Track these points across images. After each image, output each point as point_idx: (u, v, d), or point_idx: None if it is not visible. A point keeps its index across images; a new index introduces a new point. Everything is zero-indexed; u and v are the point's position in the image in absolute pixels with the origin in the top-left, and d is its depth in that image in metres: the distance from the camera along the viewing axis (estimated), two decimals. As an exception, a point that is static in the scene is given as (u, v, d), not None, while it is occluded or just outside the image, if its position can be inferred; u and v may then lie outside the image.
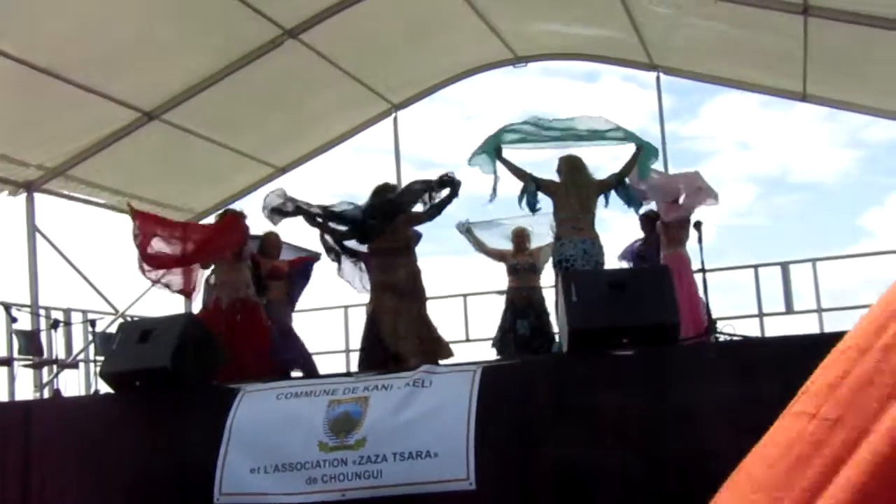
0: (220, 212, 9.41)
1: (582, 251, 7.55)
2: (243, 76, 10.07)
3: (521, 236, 9.14)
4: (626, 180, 7.92)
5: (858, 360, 0.71)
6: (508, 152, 7.95)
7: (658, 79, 11.35)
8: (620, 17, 9.90)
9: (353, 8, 9.76)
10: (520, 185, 7.87)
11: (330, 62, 10.60)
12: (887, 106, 10.37)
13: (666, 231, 8.65)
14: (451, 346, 8.00)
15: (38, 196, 10.34)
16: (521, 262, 9.09)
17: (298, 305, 9.61)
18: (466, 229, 9.44)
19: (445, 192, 7.81)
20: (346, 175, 22.76)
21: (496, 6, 10.59)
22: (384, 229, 7.74)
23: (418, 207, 7.89)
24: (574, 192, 7.73)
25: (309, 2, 9.63)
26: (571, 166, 7.84)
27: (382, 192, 7.92)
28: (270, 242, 9.09)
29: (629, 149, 7.97)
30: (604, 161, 8.26)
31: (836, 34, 8.60)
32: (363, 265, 8.43)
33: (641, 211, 8.74)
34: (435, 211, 7.88)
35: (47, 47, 8.46)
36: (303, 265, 9.36)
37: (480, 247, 9.39)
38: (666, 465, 5.20)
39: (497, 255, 9.30)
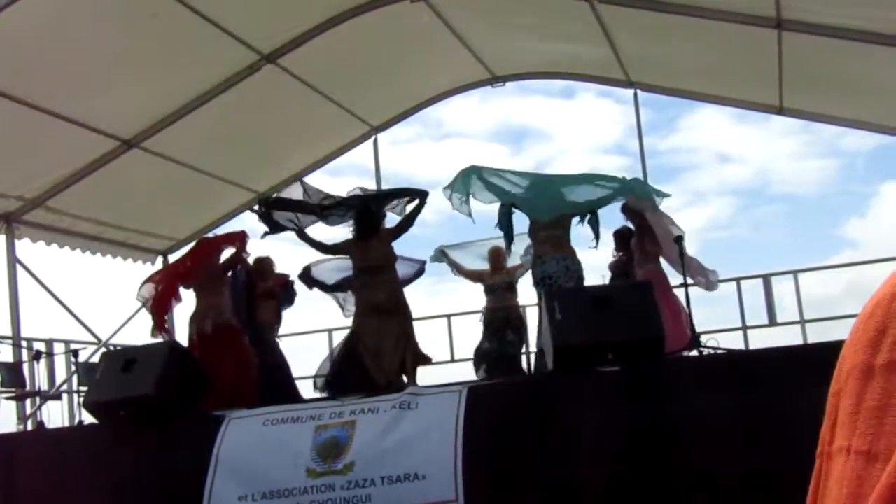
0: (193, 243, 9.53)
1: (564, 268, 7.59)
2: (222, 102, 10.05)
3: (497, 255, 9.13)
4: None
5: (867, 383, 0.70)
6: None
7: (636, 95, 11.39)
8: (597, 36, 9.95)
9: (331, 32, 9.78)
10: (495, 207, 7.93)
11: (309, 86, 10.60)
12: (864, 117, 10.44)
13: (641, 247, 8.62)
14: (437, 367, 8.07)
15: (17, 227, 10.27)
16: (497, 281, 9.09)
17: (282, 330, 9.61)
18: (441, 253, 9.47)
19: (413, 203, 7.97)
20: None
21: (474, 27, 10.63)
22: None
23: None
24: None
25: (287, 26, 9.64)
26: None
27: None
28: (263, 266, 9.11)
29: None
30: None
31: (811, 47, 8.66)
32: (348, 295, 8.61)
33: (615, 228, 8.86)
34: (407, 222, 8.00)
35: (23, 76, 8.43)
36: (283, 288, 9.36)
37: (458, 269, 9.41)
38: (655, 478, 5.20)
39: (475, 277, 9.30)
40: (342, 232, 8.37)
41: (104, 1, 8.14)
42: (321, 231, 8.42)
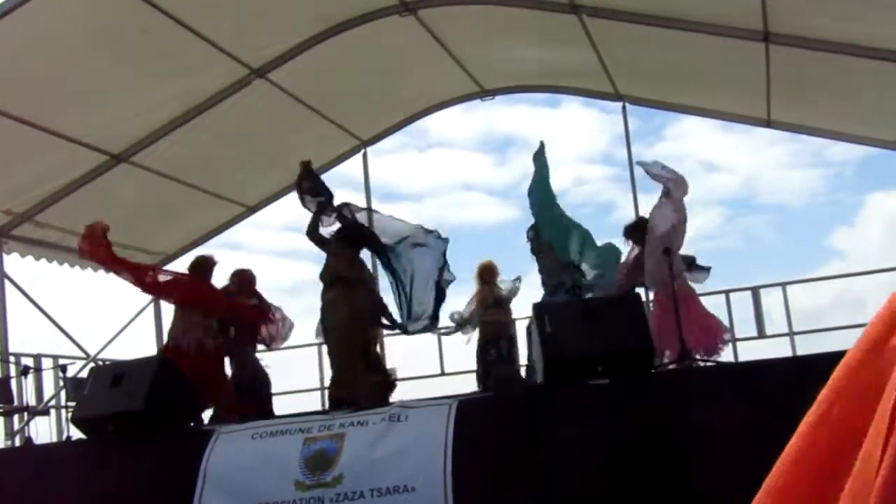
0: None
1: None
2: (212, 116, 10.05)
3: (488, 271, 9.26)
4: None
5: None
6: None
7: (624, 108, 11.39)
8: (586, 49, 9.98)
9: (320, 46, 9.79)
10: None
11: (298, 100, 10.61)
12: (852, 129, 10.49)
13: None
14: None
15: (5, 242, 10.23)
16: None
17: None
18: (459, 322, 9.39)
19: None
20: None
21: (463, 41, 10.65)
22: None
23: None
24: None
25: (276, 41, 9.65)
26: None
27: None
28: (243, 279, 9.01)
29: None
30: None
31: (798, 60, 8.70)
32: None
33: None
34: None
35: (12, 91, 8.41)
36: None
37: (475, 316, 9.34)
38: (645, 492, 5.20)
39: (481, 304, 9.25)
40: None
41: (94, 16, 8.13)
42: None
